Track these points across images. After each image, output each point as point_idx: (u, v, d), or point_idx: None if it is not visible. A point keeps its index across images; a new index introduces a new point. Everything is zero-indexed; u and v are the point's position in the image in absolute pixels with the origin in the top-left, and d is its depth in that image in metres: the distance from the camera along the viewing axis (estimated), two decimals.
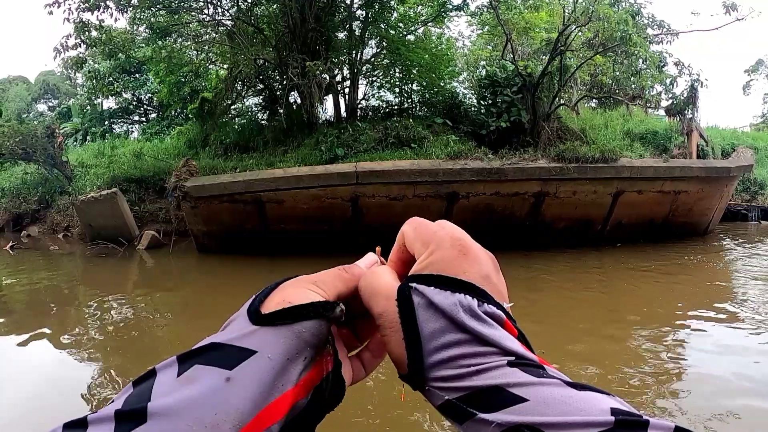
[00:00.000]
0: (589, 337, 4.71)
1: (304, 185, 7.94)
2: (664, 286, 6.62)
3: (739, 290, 6.22)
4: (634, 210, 9.03)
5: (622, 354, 4.33)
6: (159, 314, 5.80)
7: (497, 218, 8.07)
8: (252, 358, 0.31)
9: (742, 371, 3.71)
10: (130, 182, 11.07)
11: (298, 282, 0.37)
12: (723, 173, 10.08)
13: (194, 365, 0.31)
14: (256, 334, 0.32)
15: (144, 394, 0.30)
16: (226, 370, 0.30)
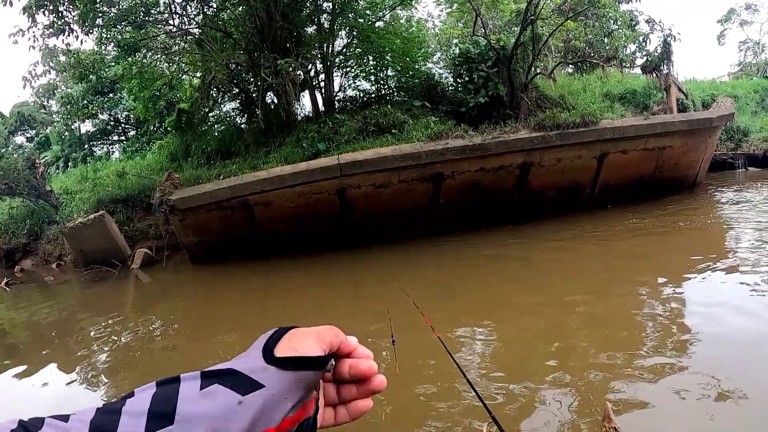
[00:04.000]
0: (594, 302, 4.73)
1: (289, 184, 7.89)
2: (659, 244, 6.65)
3: (733, 241, 6.25)
4: (621, 170, 9.05)
5: (630, 310, 4.35)
6: (160, 331, 5.78)
7: (485, 194, 8.06)
8: (260, 390, 0.39)
9: (748, 324, 3.74)
10: (116, 203, 10.98)
11: (304, 333, 0.44)
12: (705, 125, 10.10)
13: (215, 383, 0.39)
14: (267, 372, 0.40)
15: (171, 397, 0.37)
16: (239, 395, 0.38)
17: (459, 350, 4.08)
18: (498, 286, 5.69)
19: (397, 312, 4.86)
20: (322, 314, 5.54)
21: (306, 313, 5.63)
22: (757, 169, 12.86)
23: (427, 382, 3.56)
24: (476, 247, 7.41)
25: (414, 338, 4.52)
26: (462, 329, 4.52)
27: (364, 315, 5.50)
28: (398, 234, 7.87)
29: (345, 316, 5.24)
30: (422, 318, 2.47)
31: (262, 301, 6.76)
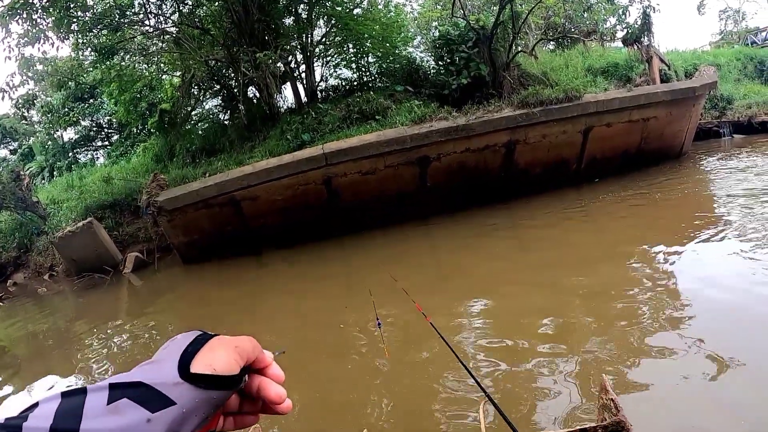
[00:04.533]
0: (586, 276, 4.74)
1: (275, 177, 7.85)
2: (648, 215, 6.67)
3: (722, 208, 6.26)
4: (606, 143, 9.07)
5: (623, 283, 4.36)
6: (157, 334, 5.74)
7: (472, 174, 8.05)
8: (170, 408, 0.37)
9: (738, 291, 3.75)
10: (104, 209, 10.88)
11: (224, 346, 0.42)
12: (688, 94, 10.12)
13: (123, 398, 0.36)
14: (179, 388, 0.38)
15: (75, 412, 0.35)
16: (148, 412, 0.36)
17: (453, 331, 4.08)
18: (489, 265, 5.70)
19: (389, 297, 4.87)
20: (314, 306, 5.53)
21: (298, 306, 5.61)
22: (743, 136, 12.93)
23: (421, 367, 3.57)
24: (466, 227, 7.41)
25: (406, 322, 4.52)
26: (455, 309, 4.53)
27: (357, 302, 5.49)
28: (388, 219, 7.86)
29: (337, 307, 5.23)
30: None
31: (254, 297, 6.74)
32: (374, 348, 4.00)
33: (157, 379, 0.38)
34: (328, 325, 4.79)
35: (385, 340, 2.89)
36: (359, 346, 4.14)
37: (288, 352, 2.23)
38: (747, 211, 5.77)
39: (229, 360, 0.41)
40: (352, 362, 3.85)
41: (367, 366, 3.73)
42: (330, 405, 3.28)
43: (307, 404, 3.30)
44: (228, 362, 0.41)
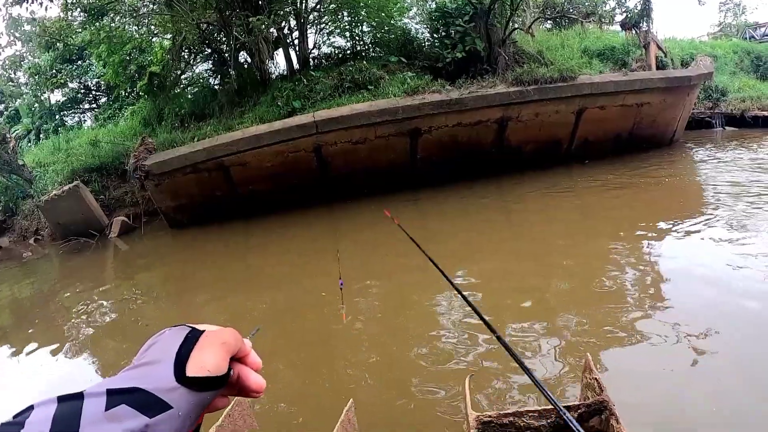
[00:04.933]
0: (572, 254, 4.78)
1: (265, 143, 7.77)
2: (636, 199, 6.71)
3: (708, 199, 6.30)
4: (599, 126, 9.07)
5: (606, 264, 4.40)
6: (144, 298, 5.71)
7: (463, 149, 8.03)
8: (168, 412, 0.38)
9: (714, 281, 3.79)
10: (91, 172, 10.71)
11: (213, 344, 0.43)
12: (684, 82, 10.11)
13: (122, 404, 0.36)
14: (176, 392, 0.39)
15: (73, 419, 0.34)
16: (147, 418, 0.36)
17: (435, 301, 4.11)
18: (476, 239, 5.72)
19: (375, 264, 4.86)
20: (303, 272, 5.53)
21: (287, 271, 5.61)
22: (735, 129, 12.99)
23: (401, 334, 3.60)
24: (455, 200, 7.42)
25: (387, 290, 4.52)
26: (441, 280, 4.53)
27: (344, 269, 5.49)
28: (377, 189, 7.84)
29: (324, 273, 5.23)
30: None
31: (242, 262, 6.73)
32: (354, 314, 4.02)
33: (154, 384, 0.38)
34: (310, 290, 4.81)
35: (344, 302, 2.88)
36: (339, 312, 4.17)
37: (269, 317, 2.24)
38: (730, 204, 5.83)
39: (218, 360, 0.43)
40: (333, 330, 3.87)
41: (345, 332, 3.76)
42: (309, 375, 3.31)
43: (287, 374, 3.34)
44: (218, 362, 0.42)
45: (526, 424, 1.77)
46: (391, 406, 2.84)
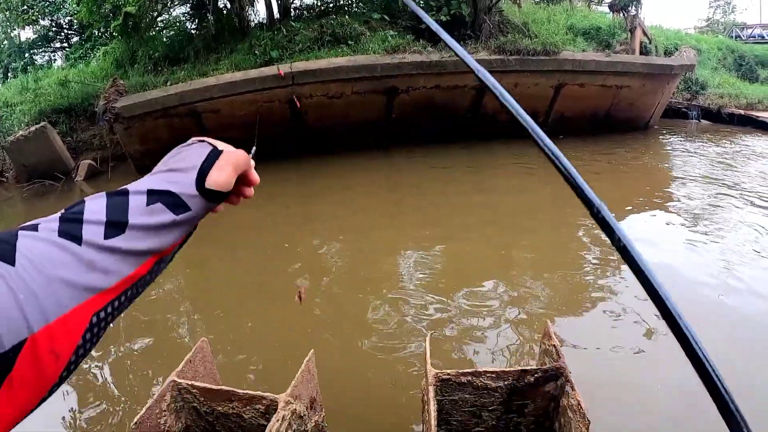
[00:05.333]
0: (538, 226, 4.86)
1: (239, 91, 7.59)
2: (605, 178, 6.82)
3: (677, 188, 6.44)
4: (577, 103, 9.13)
5: (569, 241, 4.48)
6: None
7: (439, 112, 8.00)
8: (187, 213, 0.47)
9: (672, 266, 3.89)
10: (59, 113, 10.33)
11: (228, 165, 0.51)
12: (665, 70, 10.20)
13: (158, 203, 0.45)
14: (195, 199, 0.48)
15: (123, 209, 0.43)
16: (174, 215, 0.46)
17: (396, 263, 4.13)
18: (445, 202, 5.76)
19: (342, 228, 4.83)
20: (272, 222, 5.51)
21: (254, 223, 5.56)
22: (710, 123, 13.23)
23: (361, 301, 3.61)
24: (426, 162, 7.44)
25: (351, 257, 4.52)
26: (406, 242, 4.56)
27: (314, 225, 5.48)
28: (350, 145, 7.78)
29: (292, 224, 5.22)
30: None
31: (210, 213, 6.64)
32: (319, 271, 4.02)
33: (180, 189, 0.47)
34: (274, 245, 4.82)
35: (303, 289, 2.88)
36: (301, 273, 4.17)
37: (229, 270, 2.22)
38: (695, 194, 5.98)
39: (229, 179, 0.50)
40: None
41: (309, 290, 3.76)
42: (271, 329, 3.33)
43: (250, 327, 3.35)
44: (229, 180, 0.50)
45: (483, 384, 1.81)
46: (351, 361, 2.88)
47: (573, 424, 1.65)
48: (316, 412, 2.02)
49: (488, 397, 1.86)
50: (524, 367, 1.83)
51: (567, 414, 1.73)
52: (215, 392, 1.75)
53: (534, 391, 1.85)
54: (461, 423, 1.98)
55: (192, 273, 4.41)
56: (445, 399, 1.88)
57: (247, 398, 1.72)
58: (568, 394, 1.72)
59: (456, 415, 1.95)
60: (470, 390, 1.84)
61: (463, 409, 1.92)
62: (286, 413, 1.66)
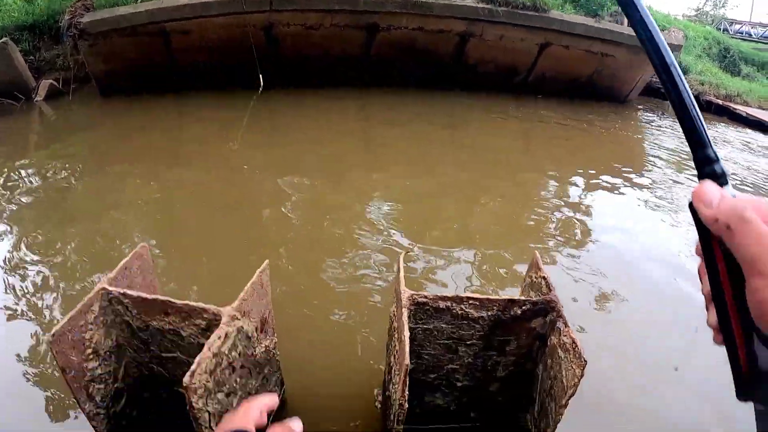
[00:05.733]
0: (506, 182, 4.82)
1: (212, 13, 7.23)
2: (577, 144, 6.84)
3: (644, 161, 6.52)
4: (560, 64, 9.06)
5: (533, 199, 4.45)
6: (70, 169, 5.28)
7: (420, 56, 7.82)
8: None
9: (631, 241, 3.91)
10: (22, 30, 9.71)
11: None
12: None
13: None
14: None
15: None
16: None
17: (368, 202, 4.02)
18: (416, 147, 5.65)
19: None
20: (238, 144, 5.34)
21: (221, 152, 5.38)
22: None
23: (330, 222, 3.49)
24: (402, 105, 7.30)
25: (315, 186, 4.36)
26: (375, 184, 4.45)
27: (277, 156, 5.30)
28: (325, 79, 7.55)
29: (258, 155, 5.07)
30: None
31: (174, 136, 6.41)
32: (283, 197, 3.88)
33: None
34: (236, 168, 4.69)
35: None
36: (265, 192, 4.06)
37: (191, 189, 1.89)
38: (661, 169, 6.07)
39: None
40: (261, 202, 3.76)
41: (272, 202, 3.65)
42: (224, 242, 3.20)
43: (201, 239, 3.20)
44: None
45: (464, 313, 1.61)
46: (309, 289, 2.76)
47: (564, 365, 1.48)
48: (267, 336, 1.79)
49: (468, 328, 1.65)
50: (511, 297, 1.62)
51: (556, 354, 1.55)
52: (150, 303, 1.50)
53: (519, 325, 1.66)
54: (434, 358, 1.77)
55: (153, 193, 4.24)
56: (419, 327, 1.65)
57: (186, 311, 1.49)
58: (560, 331, 1.54)
59: (429, 347, 1.73)
60: (448, 319, 1.62)
61: (438, 341, 1.70)
62: (231, 330, 1.45)
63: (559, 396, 1.50)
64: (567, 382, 1.44)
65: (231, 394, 1.48)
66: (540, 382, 1.71)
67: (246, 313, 1.57)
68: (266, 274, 1.77)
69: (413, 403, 1.78)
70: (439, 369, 1.78)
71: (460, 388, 1.85)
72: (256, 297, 1.64)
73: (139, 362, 1.73)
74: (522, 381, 1.83)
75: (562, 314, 1.57)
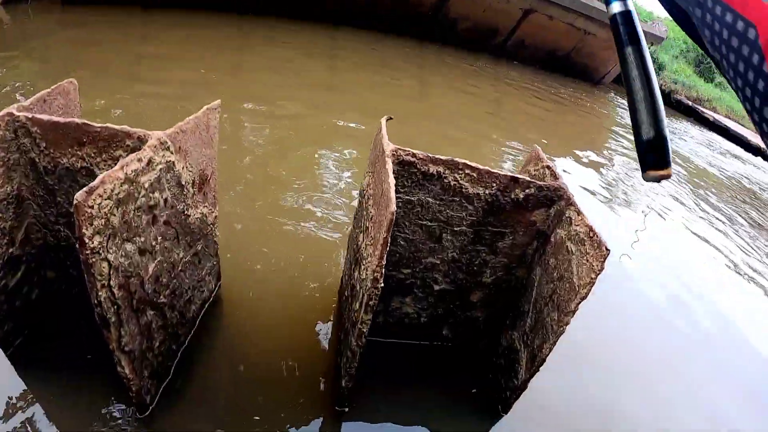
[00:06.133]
0: (472, 136, 4.82)
1: None
2: (545, 117, 6.89)
3: (607, 144, 6.60)
4: (541, 33, 9.08)
5: (494, 157, 4.46)
6: (20, 77, 4.89)
7: (399, 5, 7.63)
8: None
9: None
10: None
11: None
12: None
13: None
14: None
15: None
16: None
17: (327, 129, 3.94)
18: (381, 95, 5.54)
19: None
20: (197, 62, 5.13)
21: (189, 63, 5.13)
22: None
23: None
24: (374, 50, 7.17)
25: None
26: (336, 119, 4.36)
27: (242, 79, 5.11)
28: (293, 13, 7.31)
29: (226, 79, 4.91)
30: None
31: (137, 51, 6.09)
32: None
33: None
34: (201, 84, 4.54)
35: None
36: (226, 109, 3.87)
37: (150, 103, 1.57)
38: (621, 152, 6.24)
39: None
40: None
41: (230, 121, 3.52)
42: None
43: None
44: None
45: (457, 186, 1.33)
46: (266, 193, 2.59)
47: (575, 260, 1.23)
48: (207, 201, 1.47)
49: (459, 209, 1.36)
50: (516, 174, 1.34)
51: (564, 250, 1.30)
52: (63, 129, 1.17)
53: (518, 215, 1.40)
54: (412, 245, 1.44)
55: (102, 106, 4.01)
56: (399, 198, 1.33)
57: (105, 137, 1.17)
58: (571, 221, 1.29)
59: (408, 229, 1.41)
60: (437, 191, 1.33)
61: (420, 222, 1.39)
62: (157, 159, 1.14)
63: (564, 301, 1.26)
64: (580, 281, 1.20)
65: (146, 253, 1.18)
66: (536, 288, 1.45)
67: (182, 151, 1.25)
68: (216, 117, 1.43)
69: (376, 309, 1.50)
70: (416, 263, 1.48)
71: (436, 294, 1.57)
72: (198, 139, 1.34)
73: (43, 224, 1.36)
74: (509, 294, 1.59)
75: (573, 201, 1.32)
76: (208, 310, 1.64)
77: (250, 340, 1.58)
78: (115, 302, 1.06)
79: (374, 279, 1.11)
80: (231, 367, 1.47)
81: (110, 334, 1.07)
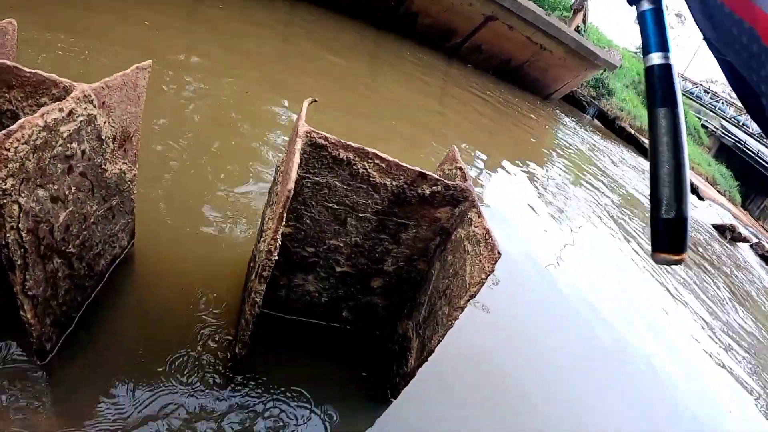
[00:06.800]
0: (414, 127, 4.92)
1: None
2: (488, 126, 6.95)
3: (547, 157, 6.89)
4: (498, 41, 9.44)
5: (428, 156, 4.60)
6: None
7: None
8: None
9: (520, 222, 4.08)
10: None
11: None
12: (590, 56, 10.69)
13: None
14: None
15: None
16: None
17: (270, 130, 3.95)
18: (330, 81, 5.47)
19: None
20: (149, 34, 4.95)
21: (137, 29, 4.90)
22: (600, 125, 14.81)
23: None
24: (331, 33, 7.13)
25: None
26: (280, 88, 4.31)
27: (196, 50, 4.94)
28: None
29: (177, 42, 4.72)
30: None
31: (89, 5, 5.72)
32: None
33: None
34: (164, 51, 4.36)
35: None
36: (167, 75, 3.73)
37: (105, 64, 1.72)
38: (560, 165, 6.60)
39: None
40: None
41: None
42: None
43: None
44: None
45: (366, 173, 1.36)
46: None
47: (470, 260, 1.30)
48: (127, 158, 1.48)
49: (365, 195, 1.41)
50: (424, 171, 1.38)
51: (461, 248, 1.37)
52: None
53: (423, 210, 1.45)
54: (316, 225, 1.48)
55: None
56: (308, 179, 1.37)
57: (33, 83, 1.18)
58: (471, 222, 1.37)
59: (314, 209, 1.44)
60: (345, 176, 1.37)
61: (326, 204, 1.43)
62: (79, 110, 1.15)
63: (456, 297, 1.32)
64: (471, 279, 1.27)
65: (58, 201, 1.18)
66: (432, 282, 1.50)
67: (105, 106, 1.26)
68: (145, 77, 1.42)
69: (279, 283, 1.58)
70: (320, 243, 1.51)
71: (338, 276, 1.61)
72: (124, 96, 1.34)
73: None
74: (409, 285, 1.63)
75: (476, 204, 1.39)
76: (119, 267, 1.63)
77: (157, 300, 1.59)
78: (23, 245, 1.08)
79: (268, 251, 1.15)
80: (135, 325, 1.49)
81: (15, 277, 1.09)
